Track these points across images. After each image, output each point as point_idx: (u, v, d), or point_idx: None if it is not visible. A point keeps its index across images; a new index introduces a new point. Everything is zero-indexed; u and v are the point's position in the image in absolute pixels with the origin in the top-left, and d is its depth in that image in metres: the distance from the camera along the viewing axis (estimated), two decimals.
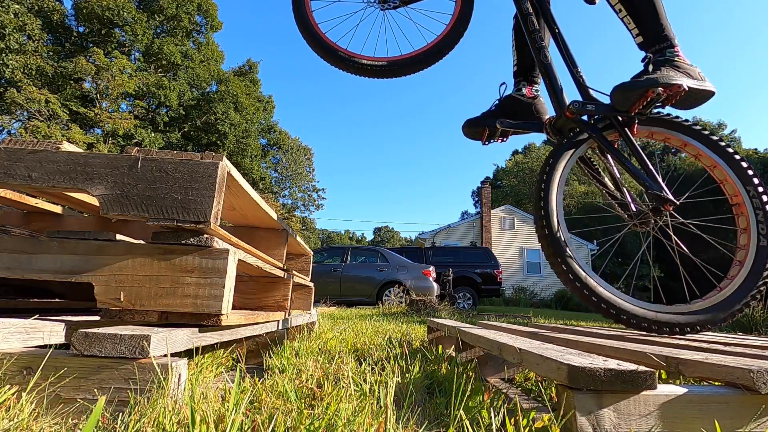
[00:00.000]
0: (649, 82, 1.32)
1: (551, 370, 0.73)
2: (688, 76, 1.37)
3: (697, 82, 1.37)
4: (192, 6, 24.08)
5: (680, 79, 1.33)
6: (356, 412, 0.73)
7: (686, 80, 1.34)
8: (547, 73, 1.55)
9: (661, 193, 1.42)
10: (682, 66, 1.39)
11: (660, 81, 1.31)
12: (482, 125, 1.67)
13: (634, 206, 1.55)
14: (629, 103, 1.38)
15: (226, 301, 0.96)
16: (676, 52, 1.41)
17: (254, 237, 1.66)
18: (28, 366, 0.75)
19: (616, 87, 1.40)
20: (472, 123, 1.71)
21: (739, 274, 1.45)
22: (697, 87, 1.37)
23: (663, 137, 1.54)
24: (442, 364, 1.34)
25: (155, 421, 0.65)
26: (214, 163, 0.97)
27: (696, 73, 1.40)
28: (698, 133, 1.50)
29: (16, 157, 0.97)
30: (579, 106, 1.48)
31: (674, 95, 1.33)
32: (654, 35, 1.43)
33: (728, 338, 1.69)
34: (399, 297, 8.94)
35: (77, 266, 0.94)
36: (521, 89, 1.75)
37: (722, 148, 1.49)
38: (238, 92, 25.61)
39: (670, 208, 1.43)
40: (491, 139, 1.69)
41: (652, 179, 1.46)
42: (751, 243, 1.45)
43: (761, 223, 1.44)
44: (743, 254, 1.48)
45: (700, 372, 0.82)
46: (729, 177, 1.49)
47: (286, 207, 35.98)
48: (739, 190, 1.48)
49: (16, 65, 17.71)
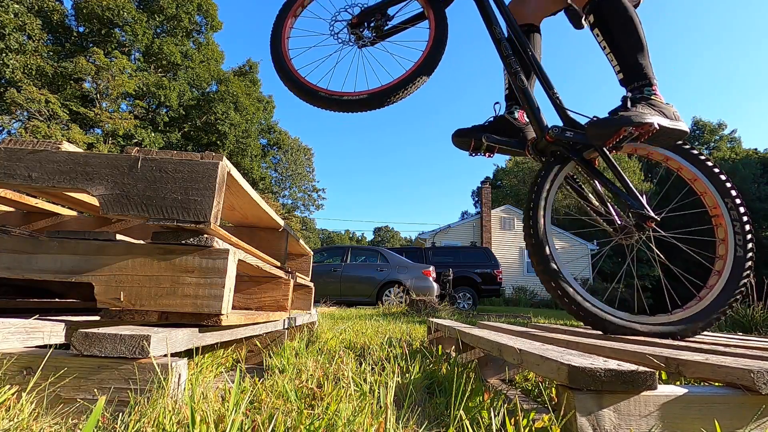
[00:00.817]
0: (622, 120, 1.37)
1: (551, 370, 0.73)
2: (663, 115, 1.42)
3: (670, 122, 1.42)
4: (192, 6, 24.08)
5: (653, 117, 1.38)
6: (356, 412, 0.73)
7: (659, 119, 1.39)
8: (525, 97, 1.60)
9: (642, 211, 1.49)
10: (658, 105, 1.44)
11: (633, 120, 1.36)
12: (470, 137, 1.71)
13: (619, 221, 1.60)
14: (603, 139, 1.43)
15: (226, 301, 0.96)
16: (654, 91, 1.47)
17: (254, 237, 1.66)
18: (28, 366, 0.75)
19: (591, 122, 1.46)
20: (461, 133, 1.75)
21: (717, 284, 1.51)
22: (670, 126, 1.42)
23: (646, 152, 1.61)
24: (442, 364, 1.34)
25: (155, 421, 0.65)
26: (214, 163, 0.97)
27: (671, 112, 1.45)
28: (679, 147, 1.56)
29: (16, 157, 0.97)
30: (558, 131, 1.54)
31: (646, 133, 1.38)
32: (634, 73, 1.49)
33: (728, 339, 1.69)
34: (399, 297, 8.94)
35: (77, 266, 0.94)
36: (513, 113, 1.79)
37: (702, 161, 1.56)
38: (238, 92, 25.60)
39: (651, 224, 1.49)
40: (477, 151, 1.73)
41: (633, 197, 1.52)
42: (728, 253, 1.52)
43: (738, 234, 1.50)
44: (721, 264, 1.54)
45: (701, 372, 0.82)
46: (708, 189, 1.56)
47: (286, 207, 35.98)
48: (718, 202, 1.55)
49: (16, 65, 17.71)
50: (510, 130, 1.76)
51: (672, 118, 1.43)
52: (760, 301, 4.22)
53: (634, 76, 1.48)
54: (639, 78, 1.48)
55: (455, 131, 1.76)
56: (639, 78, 1.48)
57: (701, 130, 36.81)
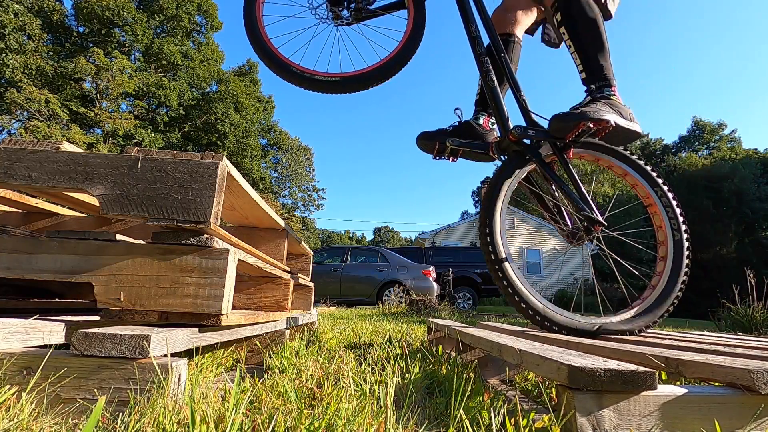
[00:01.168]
0: (582, 115, 1.45)
1: (551, 370, 0.73)
2: (620, 114, 1.50)
3: (626, 122, 1.51)
4: (192, 6, 24.08)
5: (610, 115, 1.46)
6: (356, 412, 0.73)
7: (615, 117, 1.48)
8: (493, 96, 1.64)
9: (591, 215, 1.56)
10: (616, 105, 1.52)
11: (591, 115, 1.44)
12: (434, 140, 1.74)
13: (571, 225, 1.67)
14: (565, 132, 1.51)
15: (226, 301, 0.96)
16: (613, 92, 1.55)
17: (254, 237, 1.66)
18: (28, 366, 0.75)
19: (554, 116, 1.53)
20: (425, 136, 1.77)
21: (665, 269, 1.60)
22: (625, 126, 1.50)
23: (593, 158, 1.69)
24: (442, 364, 1.34)
25: (155, 421, 0.65)
26: (214, 163, 0.97)
27: (627, 113, 1.53)
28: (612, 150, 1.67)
29: (16, 157, 0.97)
30: (521, 130, 1.59)
31: (603, 129, 1.47)
32: (596, 73, 1.56)
33: (728, 338, 1.69)
34: (399, 297, 8.94)
35: (77, 266, 0.94)
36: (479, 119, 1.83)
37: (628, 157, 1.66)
38: (238, 92, 25.60)
39: (599, 228, 1.57)
40: (441, 154, 1.76)
41: (584, 201, 1.59)
42: (667, 238, 1.61)
43: (672, 219, 1.61)
44: (664, 250, 1.63)
45: (700, 372, 0.82)
46: (639, 181, 1.65)
47: (286, 207, 35.98)
48: (650, 192, 1.65)
49: (16, 65, 17.70)
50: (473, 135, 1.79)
51: (628, 118, 1.52)
52: (760, 301, 4.22)
53: (596, 76, 1.56)
54: (600, 78, 1.56)
55: (420, 134, 1.79)
56: (600, 78, 1.56)
57: (701, 130, 36.79)
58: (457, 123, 1.81)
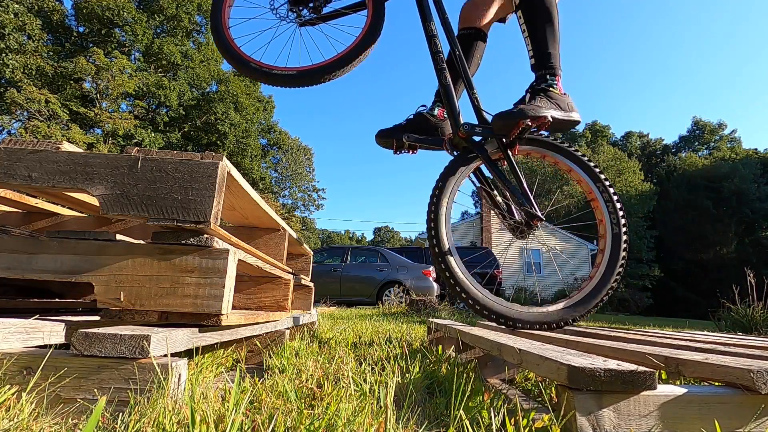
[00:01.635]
0: (521, 113, 1.51)
1: (551, 370, 0.73)
2: (557, 107, 1.57)
3: (564, 113, 1.57)
4: (192, 6, 24.07)
5: (548, 111, 1.53)
6: (356, 412, 0.73)
7: (553, 111, 1.54)
8: (446, 93, 1.68)
9: (531, 210, 1.64)
10: (555, 96, 1.58)
11: (529, 113, 1.51)
12: (392, 137, 1.78)
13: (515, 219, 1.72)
14: (506, 130, 1.57)
15: (226, 301, 0.96)
16: (555, 81, 1.61)
17: (254, 237, 1.66)
18: (28, 366, 0.75)
19: (496, 115, 1.58)
20: (383, 134, 1.81)
21: (603, 261, 1.66)
22: (563, 117, 1.57)
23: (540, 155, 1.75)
24: (442, 364, 1.34)
25: (155, 421, 0.65)
26: (214, 163, 0.97)
27: (565, 103, 1.59)
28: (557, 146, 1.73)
29: (16, 157, 0.97)
30: (469, 128, 1.64)
31: (542, 125, 1.54)
32: (544, 60, 1.61)
33: (728, 338, 1.69)
34: (399, 297, 8.94)
35: (77, 266, 0.94)
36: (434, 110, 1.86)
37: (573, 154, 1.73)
38: (238, 92, 25.59)
39: (538, 222, 1.65)
40: (400, 150, 1.80)
41: (525, 197, 1.66)
42: (607, 232, 1.67)
43: (612, 213, 1.67)
44: (603, 243, 1.68)
45: (700, 372, 0.82)
46: (582, 177, 1.72)
47: (286, 207, 35.97)
48: (592, 188, 1.71)
49: (16, 65, 17.70)
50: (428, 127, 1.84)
51: (566, 109, 1.59)
52: (760, 301, 4.22)
53: (544, 63, 1.61)
54: (547, 66, 1.61)
55: (378, 132, 1.82)
56: (547, 66, 1.61)
57: (701, 130, 36.80)
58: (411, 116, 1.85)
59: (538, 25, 1.60)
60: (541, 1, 1.59)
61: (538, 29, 1.60)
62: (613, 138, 38.96)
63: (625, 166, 30.38)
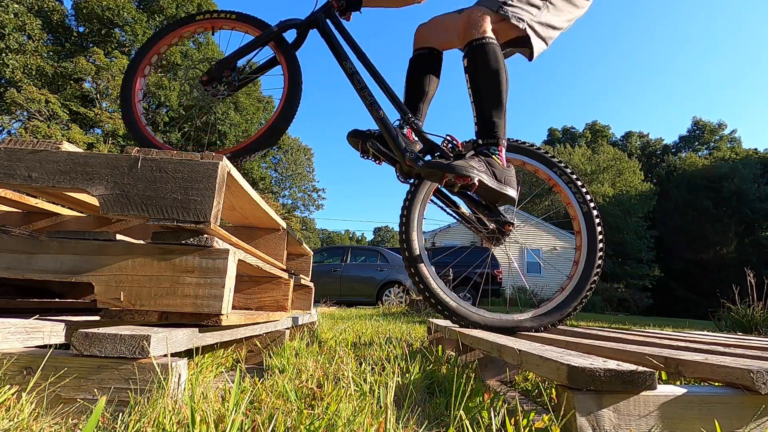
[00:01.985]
0: (448, 167, 1.44)
1: (551, 370, 0.73)
2: (493, 176, 1.49)
3: (498, 185, 1.49)
4: (192, 6, 24.07)
5: (479, 174, 1.44)
6: (356, 412, 0.73)
7: (483, 176, 1.45)
8: (383, 125, 1.62)
9: (500, 218, 1.66)
10: (495, 165, 1.51)
11: (457, 170, 1.42)
12: (358, 139, 1.75)
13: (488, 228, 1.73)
14: (435, 179, 1.53)
15: (226, 301, 0.96)
16: (498, 152, 1.53)
17: (254, 237, 1.66)
18: (28, 366, 0.75)
19: (425, 163, 1.54)
20: (354, 134, 1.78)
21: (576, 272, 1.67)
22: (494, 187, 1.48)
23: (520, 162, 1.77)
24: (442, 364, 1.34)
25: (155, 421, 0.65)
26: (214, 163, 0.97)
27: (504, 176, 1.51)
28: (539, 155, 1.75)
29: (16, 157, 0.97)
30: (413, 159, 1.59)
31: (467, 186, 1.45)
32: (487, 130, 1.54)
33: (728, 338, 1.69)
34: (399, 297, 8.94)
35: (77, 266, 0.94)
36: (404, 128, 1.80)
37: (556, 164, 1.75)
38: (238, 92, 25.57)
39: (510, 227, 1.66)
40: (366, 155, 1.77)
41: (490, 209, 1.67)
42: (583, 244, 1.67)
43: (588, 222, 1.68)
44: (578, 254, 1.68)
45: (700, 372, 0.82)
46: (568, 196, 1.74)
47: (286, 207, 35.97)
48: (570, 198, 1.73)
49: (16, 65, 17.70)
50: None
51: (502, 181, 1.51)
52: (760, 301, 4.22)
53: (486, 133, 1.53)
54: (490, 136, 1.53)
55: (350, 131, 1.79)
56: (490, 136, 1.53)
57: (701, 130, 36.80)
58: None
59: (483, 93, 1.54)
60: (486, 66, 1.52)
61: (482, 95, 1.54)
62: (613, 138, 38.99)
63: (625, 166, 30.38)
